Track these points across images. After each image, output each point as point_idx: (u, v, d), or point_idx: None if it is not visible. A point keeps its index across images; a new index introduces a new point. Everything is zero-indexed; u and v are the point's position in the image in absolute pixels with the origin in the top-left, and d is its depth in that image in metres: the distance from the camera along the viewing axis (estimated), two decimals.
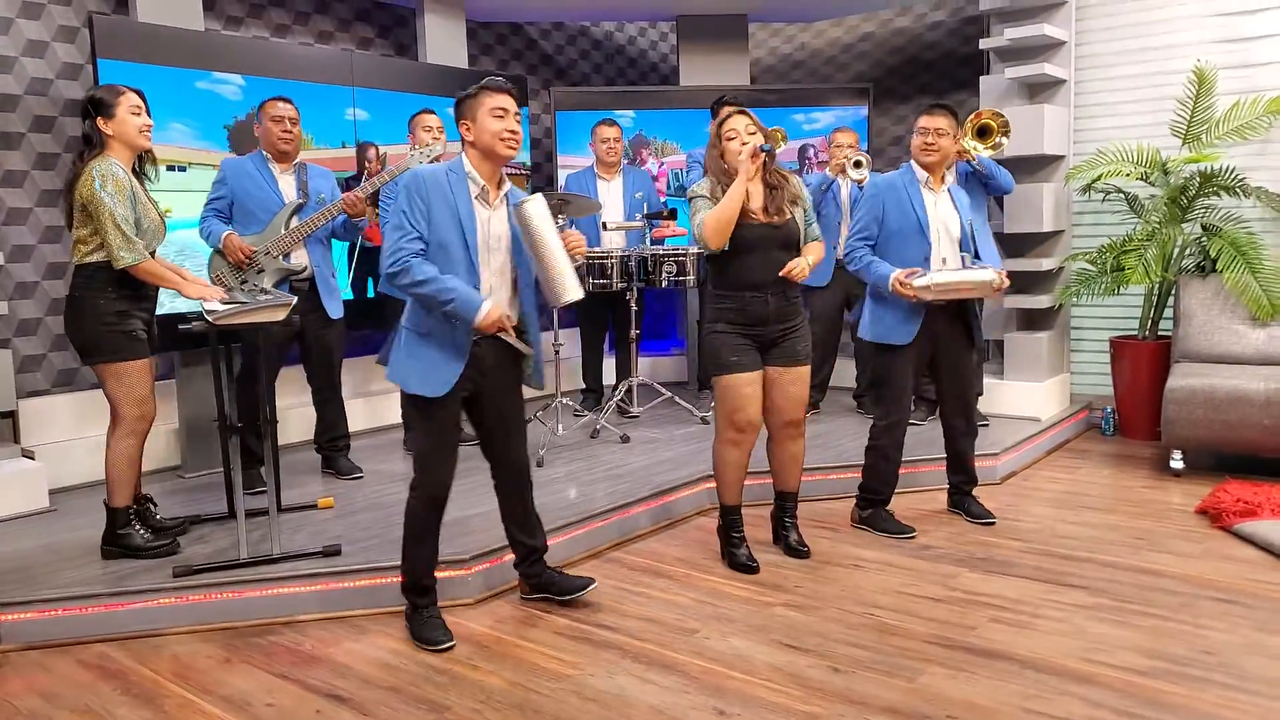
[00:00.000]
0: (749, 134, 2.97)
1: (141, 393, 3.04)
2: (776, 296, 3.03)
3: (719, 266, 3.04)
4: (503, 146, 2.55)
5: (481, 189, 2.58)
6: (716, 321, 3.05)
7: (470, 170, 2.58)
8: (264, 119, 3.72)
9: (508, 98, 2.57)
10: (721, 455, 3.12)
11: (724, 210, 2.93)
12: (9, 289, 4.04)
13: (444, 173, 2.57)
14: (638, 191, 5.08)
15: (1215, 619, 2.70)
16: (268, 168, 3.73)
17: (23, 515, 3.60)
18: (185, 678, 2.52)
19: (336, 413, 4.01)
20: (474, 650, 2.63)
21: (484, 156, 2.58)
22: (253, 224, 3.68)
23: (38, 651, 2.70)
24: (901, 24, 6.39)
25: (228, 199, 3.69)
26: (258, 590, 2.86)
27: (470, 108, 2.57)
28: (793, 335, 3.08)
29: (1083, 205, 5.16)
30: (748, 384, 3.02)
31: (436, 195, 2.52)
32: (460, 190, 2.56)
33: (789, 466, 3.21)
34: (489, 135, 2.54)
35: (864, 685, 2.37)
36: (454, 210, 2.53)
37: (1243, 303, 4.40)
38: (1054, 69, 4.90)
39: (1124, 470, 4.33)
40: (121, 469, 3.05)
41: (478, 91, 2.57)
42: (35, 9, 4.09)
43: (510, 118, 2.55)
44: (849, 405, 5.12)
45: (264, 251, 3.63)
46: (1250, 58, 4.74)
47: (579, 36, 6.48)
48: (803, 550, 3.23)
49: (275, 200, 3.70)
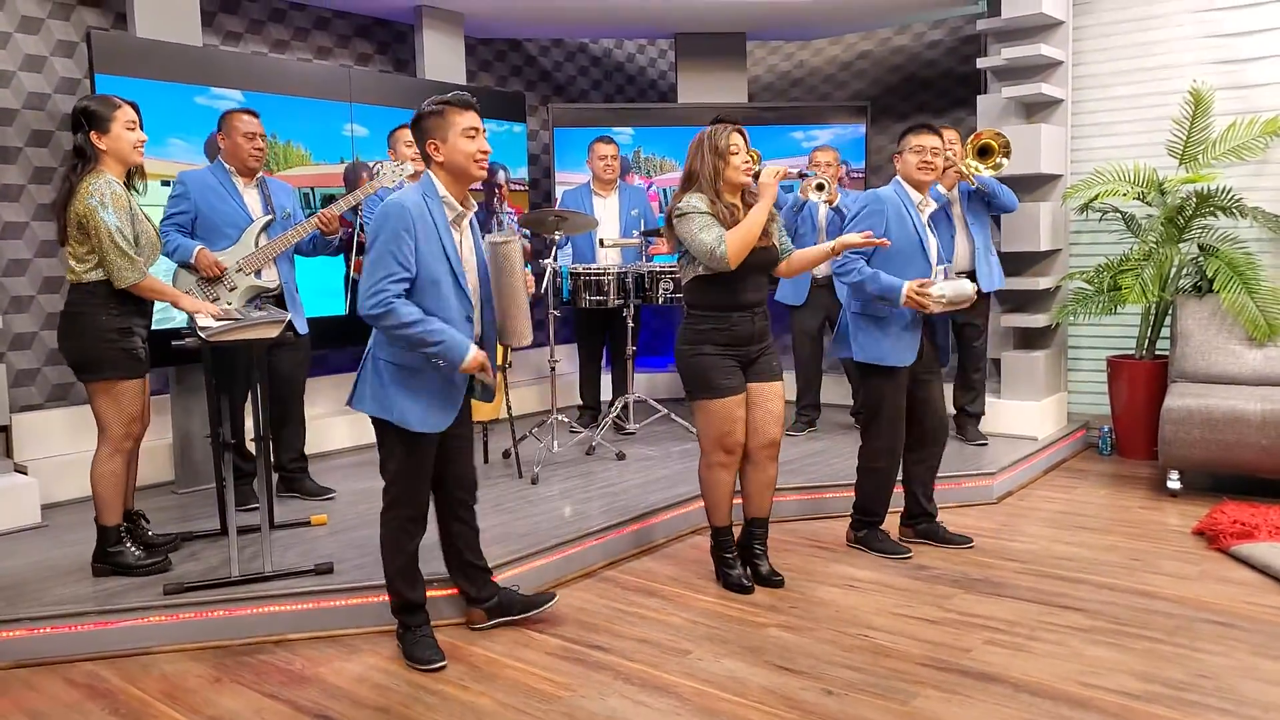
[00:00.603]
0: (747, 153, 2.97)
1: (132, 411, 3.02)
2: (759, 316, 3.04)
3: (707, 288, 2.97)
4: (476, 169, 2.49)
5: (457, 214, 2.54)
6: (700, 344, 2.98)
7: (445, 195, 2.51)
8: (232, 134, 3.58)
9: (475, 115, 2.49)
10: (712, 478, 3.09)
11: (751, 231, 2.89)
12: (4, 303, 4.04)
13: (422, 199, 2.47)
14: (634, 209, 5.10)
15: (1211, 642, 2.68)
16: (231, 181, 3.61)
17: (14, 531, 3.58)
18: (174, 697, 2.50)
19: (297, 431, 3.92)
20: (465, 671, 2.61)
21: (455, 179, 2.51)
22: (219, 239, 3.56)
23: (26, 670, 2.68)
24: (900, 43, 6.43)
25: (190, 214, 3.56)
26: (249, 609, 2.84)
27: (439, 127, 2.47)
28: (768, 352, 3.09)
29: (1080, 224, 5.17)
30: (739, 406, 3.00)
31: (422, 228, 2.44)
32: (440, 218, 2.49)
33: (763, 490, 3.14)
34: (462, 157, 2.46)
35: (857, 708, 2.35)
36: (439, 241, 2.47)
37: (1240, 323, 4.40)
38: (1051, 89, 4.92)
39: (1121, 490, 4.31)
40: (108, 488, 3.02)
41: (444, 109, 2.46)
42: (34, 24, 4.11)
43: (481, 137, 2.49)
44: (844, 423, 5.11)
45: (236, 268, 3.55)
46: (1246, 79, 4.76)
47: (577, 53, 6.51)
48: (777, 579, 3.16)
49: (242, 215, 3.60)
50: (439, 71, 5.29)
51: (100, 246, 2.89)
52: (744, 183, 2.99)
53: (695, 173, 2.99)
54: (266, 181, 3.74)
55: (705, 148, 2.97)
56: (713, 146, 2.95)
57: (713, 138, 2.96)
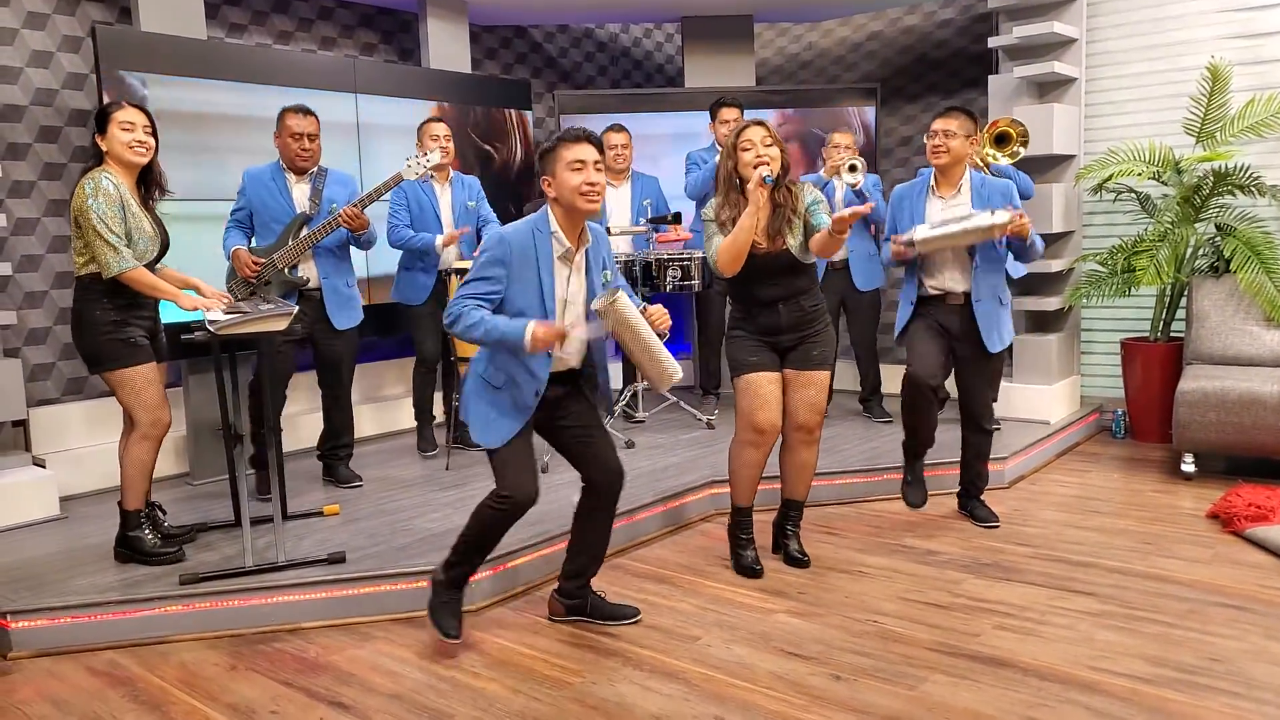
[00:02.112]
0: (765, 146, 2.91)
1: (151, 399, 3.06)
2: (789, 307, 3.02)
3: (731, 283, 3.07)
4: (583, 201, 2.50)
5: (565, 250, 2.56)
6: (735, 328, 3.11)
7: (556, 229, 2.55)
8: (282, 133, 3.72)
9: (586, 147, 2.50)
10: (738, 454, 3.11)
11: (736, 242, 2.90)
12: (18, 298, 4.08)
13: (530, 233, 2.53)
14: (646, 198, 5.08)
15: (1224, 626, 2.67)
16: (283, 177, 3.76)
17: (34, 523, 3.63)
18: (192, 685, 2.54)
19: (341, 421, 4.01)
20: (476, 658, 2.64)
21: (566, 213, 2.54)
22: (268, 235, 3.74)
23: (48, 658, 2.73)
24: (910, 22, 6.35)
25: (247, 209, 3.75)
26: (263, 598, 2.87)
27: (549, 162, 2.53)
28: (809, 341, 3.07)
29: (1093, 205, 5.12)
30: (766, 382, 3.02)
31: (520, 260, 2.50)
32: (544, 252, 2.53)
33: (798, 473, 3.19)
34: (569, 190, 2.49)
35: (866, 693, 2.36)
36: (536, 275, 2.51)
37: (1257, 304, 4.35)
38: (1064, 67, 4.85)
39: (1134, 474, 4.28)
40: (135, 472, 3.09)
41: (555, 144, 2.53)
42: (40, 19, 4.13)
43: (589, 169, 2.49)
44: (855, 409, 5.09)
45: (269, 264, 3.65)
46: (1265, 54, 4.67)
47: (584, 39, 6.48)
48: (803, 559, 3.21)
49: (287, 210, 3.73)
50: (444, 60, 5.28)
51: (88, 237, 2.96)
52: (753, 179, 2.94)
53: (719, 173, 3.04)
54: (327, 173, 3.82)
55: (727, 145, 3.00)
56: (729, 144, 2.97)
57: (731, 134, 2.99)
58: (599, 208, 2.57)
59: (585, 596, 2.84)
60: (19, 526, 3.59)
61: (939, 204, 3.37)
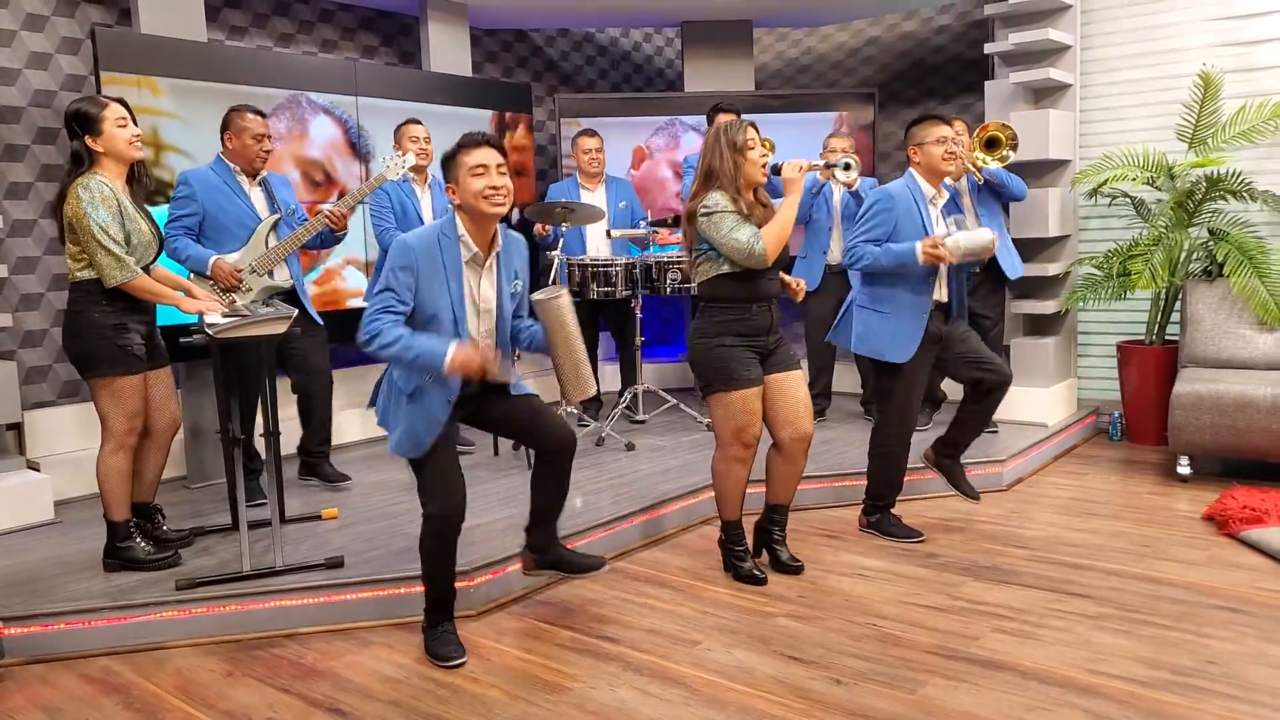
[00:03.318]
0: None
1: (133, 408, 3.03)
2: (775, 307, 3.06)
3: (731, 283, 2.96)
4: (487, 205, 2.48)
5: (473, 255, 2.55)
6: (720, 335, 2.97)
7: (463, 234, 2.53)
8: (241, 134, 3.54)
9: (487, 150, 2.49)
10: (727, 472, 3.08)
11: (785, 227, 2.92)
12: (14, 301, 4.07)
13: (436, 238, 2.51)
14: (621, 201, 5.09)
15: (1220, 628, 2.68)
16: (236, 180, 3.58)
17: (28, 527, 3.61)
18: (187, 691, 2.53)
19: (326, 417, 3.95)
20: (475, 663, 2.63)
21: (473, 219, 2.53)
22: (229, 240, 3.53)
23: (41, 665, 2.71)
24: (907, 28, 6.38)
25: (198, 215, 3.52)
26: (260, 603, 2.86)
27: (452, 169, 2.51)
28: (783, 343, 3.10)
29: (1089, 210, 5.14)
30: (757, 398, 3.00)
31: (426, 264, 2.48)
32: (451, 256, 2.51)
33: (789, 480, 3.16)
34: (472, 195, 2.48)
35: (865, 697, 2.36)
36: (444, 280, 2.50)
37: (1250, 307, 4.37)
38: (1059, 73, 4.88)
39: (1131, 476, 4.30)
40: (114, 484, 3.04)
41: (456, 151, 2.51)
42: (39, 21, 4.12)
43: (492, 172, 2.47)
44: (855, 412, 5.10)
45: (249, 270, 3.55)
46: (1256, 61, 4.71)
47: (584, 43, 6.49)
48: (796, 566, 3.18)
49: (250, 215, 3.58)
50: (445, 64, 5.28)
51: (88, 246, 2.90)
52: (760, 179, 2.96)
53: (714, 170, 2.96)
54: (268, 177, 3.72)
55: (723, 144, 2.94)
56: (730, 142, 2.93)
57: (729, 133, 2.93)
58: (505, 211, 2.53)
59: (552, 548, 2.85)
60: (13, 531, 3.57)
61: (935, 213, 3.37)
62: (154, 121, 4.03)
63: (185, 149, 4.13)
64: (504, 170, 2.51)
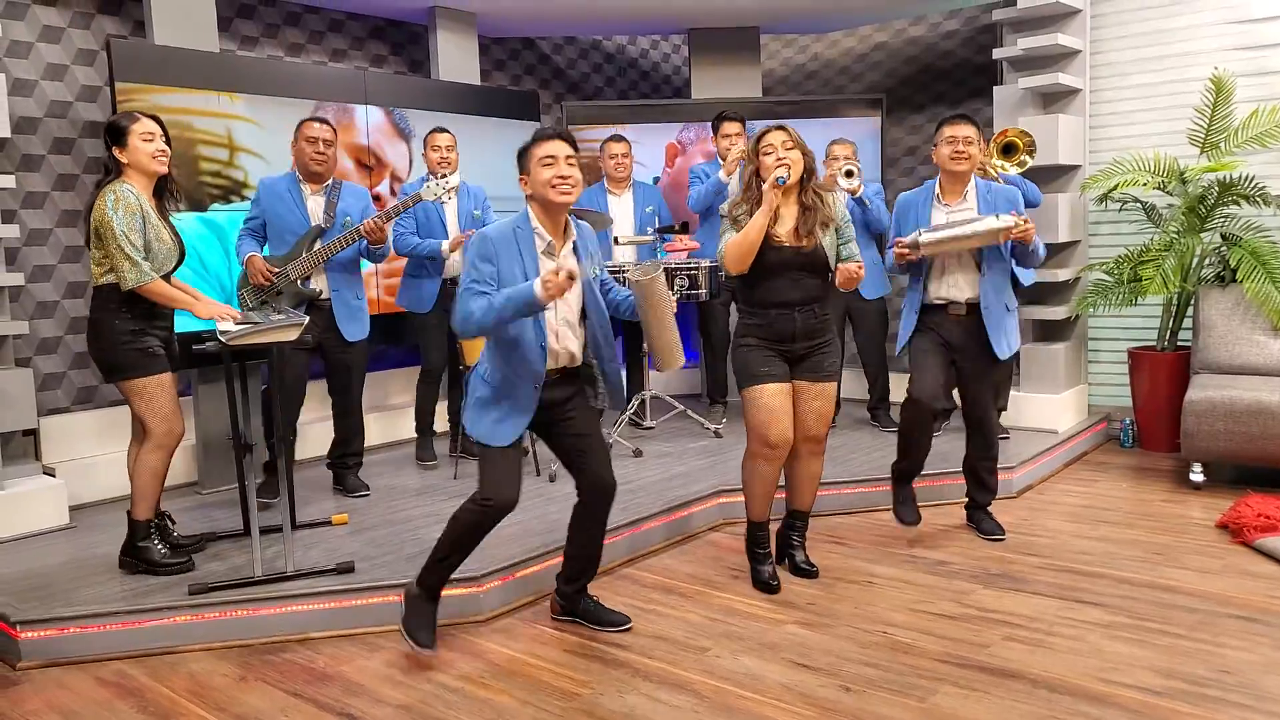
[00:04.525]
0: (786, 149, 2.93)
1: (165, 408, 3.09)
2: (804, 314, 3.01)
3: (745, 285, 3.04)
4: (555, 194, 2.55)
5: (548, 244, 2.61)
6: (746, 336, 3.06)
7: (536, 225, 2.61)
8: (299, 138, 3.76)
9: (557, 143, 2.57)
10: (752, 470, 3.09)
11: (744, 241, 2.93)
12: (30, 308, 4.11)
13: (511, 230, 2.60)
14: (648, 206, 5.10)
15: (1234, 637, 2.66)
16: (298, 188, 3.78)
17: (44, 532, 3.65)
18: (201, 695, 2.55)
19: (351, 430, 4.03)
20: (485, 668, 2.64)
21: (544, 208, 2.60)
22: (282, 245, 3.75)
23: (57, 669, 2.73)
24: (915, 33, 6.38)
25: (261, 219, 3.77)
26: (272, 608, 2.88)
27: (524, 161, 2.61)
28: (820, 352, 3.07)
29: (1099, 215, 5.12)
30: (778, 396, 3.00)
31: (505, 255, 2.56)
32: (527, 247, 2.59)
33: (805, 484, 3.18)
34: (541, 185, 2.56)
35: (875, 705, 2.35)
36: (522, 270, 2.56)
37: (1264, 313, 4.35)
38: (1069, 78, 4.87)
39: (1143, 483, 4.27)
40: (146, 481, 3.10)
41: (530, 143, 2.61)
42: (55, 33, 4.17)
43: (561, 163, 2.55)
44: (863, 418, 5.09)
45: (282, 274, 3.68)
46: (1268, 65, 4.69)
47: (591, 51, 6.52)
48: (810, 569, 3.20)
49: (302, 222, 3.74)
50: (453, 72, 5.31)
51: (109, 249, 2.98)
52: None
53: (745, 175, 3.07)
54: (341, 186, 3.84)
55: (748, 149, 3.04)
56: (750, 148, 3.02)
57: (753, 138, 3.03)
58: (574, 199, 2.60)
59: (580, 600, 2.88)
60: (29, 536, 3.60)
61: (944, 211, 3.38)
62: (229, 125, 4.29)
63: (259, 151, 4.36)
64: (573, 162, 2.59)
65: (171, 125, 4.14)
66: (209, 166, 4.26)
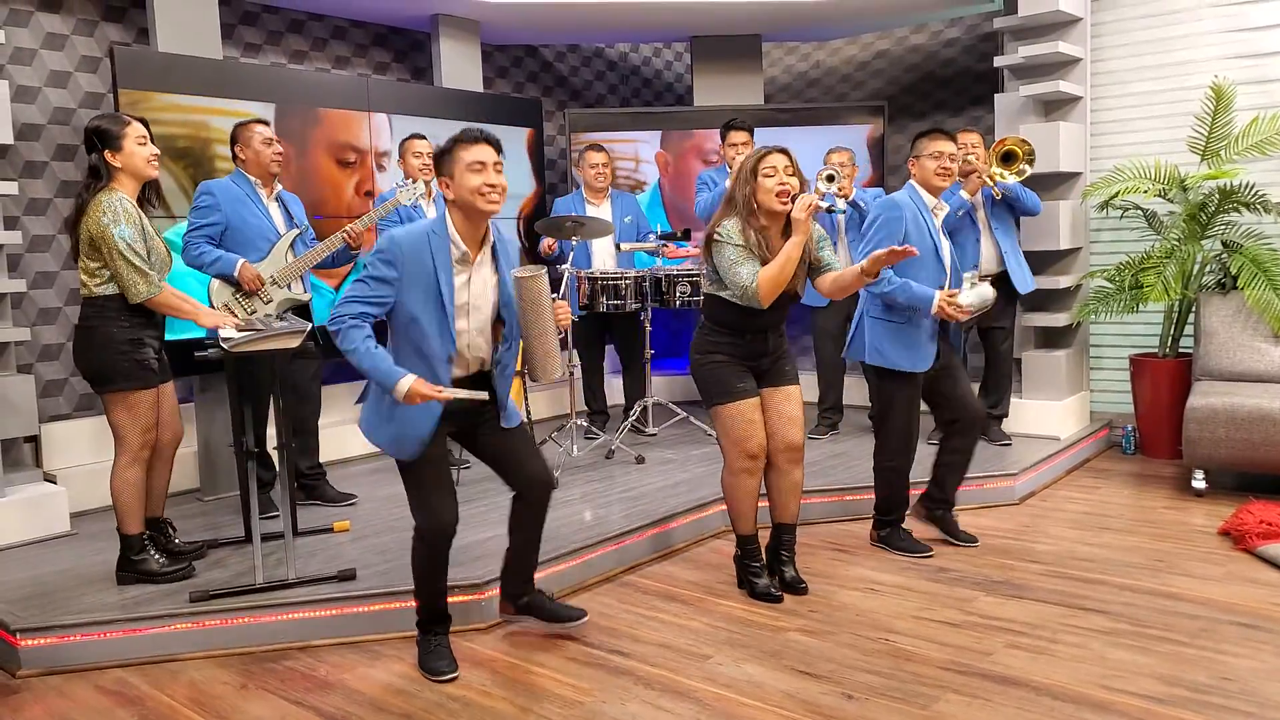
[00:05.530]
0: (788, 174, 2.86)
1: (147, 421, 3.06)
2: (775, 335, 3.03)
3: (728, 308, 2.95)
4: (483, 202, 2.43)
5: (463, 254, 2.49)
6: (714, 352, 2.99)
7: (452, 233, 2.48)
8: (251, 143, 3.59)
9: (485, 148, 2.45)
10: (735, 485, 3.07)
11: (785, 270, 2.82)
12: (32, 315, 4.12)
13: (425, 236, 2.46)
14: (626, 215, 5.11)
15: (1237, 644, 2.66)
16: (256, 193, 3.63)
17: (44, 539, 3.64)
18: (201, 704, 2.54)
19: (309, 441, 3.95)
20: (486, 676, 2.63)
21: (466, 216, 2.47)
22: (250, 252, 3.56)
23: (57, 677, 2.73)
24: (917, 41, 6.40)
25: (221, 225, 3.54)
26: (273, 615, 2.87)
27: (447, 164, 2.46)
28: (780, 359, 3.07)
29: (1100, 222, 5.13)
30: (754, 409, 2.99)
31: (414, 264, 2.43)
32: (441, 255, 2.46)
33: (788, 496, 3.12)
34: (467, 192, 2.42)
35: (877, 712, 2.35)
36: (432, 278, 2.44)
37: (1265, 320, 4.35)
38: (1070, 86, 4.88)
39: (1145, 490, 4.27)
40: (128, 498, 3.06)
41: (452, 145, 2.46)
42: (58, 40, 4.19)
43: (489, 170, 2.43)
44: (865, 425, 5.08)
45: (271, 281, 3.60)
46: (1268, 73, 4.70)
47: (594, 58, 6.54)
48: (801, 586, 3.15)
49: (270, 228, 3.63)
50: (456, 79, 5.33)
51: (113, 262, 2.93)
52: (776, 208, 2.87)
53: (734, 195, 2.95)
54: (282, 194, 3.77)
55: (745, 169, 2.91)
56: (750, 168, 2.89)
57: (751, 158, 2.90)
58: (499, 209, 2.48)
59: (530, 594, 2.85)
60: (30, 543, 3.60)
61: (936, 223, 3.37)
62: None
63: None
64: (500, 168, 2.47)
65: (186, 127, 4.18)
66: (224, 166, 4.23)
